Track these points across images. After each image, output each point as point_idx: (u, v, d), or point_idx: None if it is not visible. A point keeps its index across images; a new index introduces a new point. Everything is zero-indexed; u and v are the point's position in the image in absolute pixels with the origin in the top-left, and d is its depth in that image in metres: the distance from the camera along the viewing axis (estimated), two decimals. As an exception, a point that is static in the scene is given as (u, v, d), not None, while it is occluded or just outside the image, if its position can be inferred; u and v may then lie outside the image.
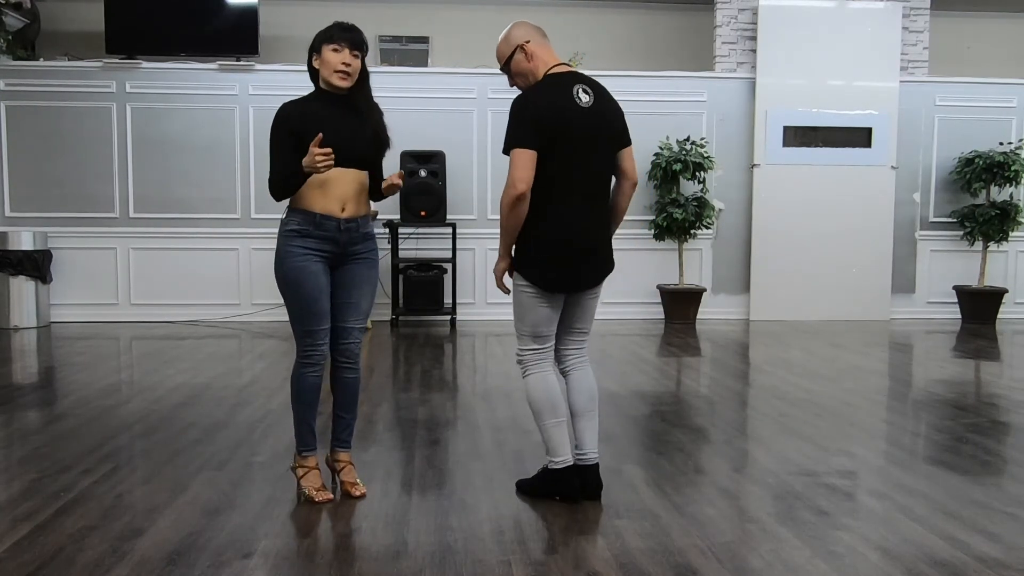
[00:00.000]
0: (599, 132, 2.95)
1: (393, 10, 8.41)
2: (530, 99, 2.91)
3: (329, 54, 2.90)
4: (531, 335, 3.03)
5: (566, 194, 2.92)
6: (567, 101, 2.90)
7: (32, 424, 4.12)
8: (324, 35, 2.93)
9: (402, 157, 7.25)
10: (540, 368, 3.03)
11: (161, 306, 7.60)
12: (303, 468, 3.06)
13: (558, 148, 2.87)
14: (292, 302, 2.95)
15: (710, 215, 7.69)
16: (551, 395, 3.01)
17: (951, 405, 4.64)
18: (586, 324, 3.12)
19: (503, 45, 3.02)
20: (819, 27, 7.94)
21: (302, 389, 3.01)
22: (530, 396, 3.04)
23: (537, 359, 3.04)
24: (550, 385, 3.02)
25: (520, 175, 2.82)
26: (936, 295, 8.29)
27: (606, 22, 8.66)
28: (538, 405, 3.02)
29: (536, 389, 3.02)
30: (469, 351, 6.42)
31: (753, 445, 3.87)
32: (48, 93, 7.48)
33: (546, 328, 3.03)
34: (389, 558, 2.52)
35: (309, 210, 2.92)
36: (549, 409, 3.00)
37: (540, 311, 3.00)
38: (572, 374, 3.11)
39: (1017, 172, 7.75)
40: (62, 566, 2.44)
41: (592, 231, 2.99)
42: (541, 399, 3.01)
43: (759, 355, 6.46)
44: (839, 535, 2.73)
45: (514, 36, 3.01)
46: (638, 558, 2.54)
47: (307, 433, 3.06)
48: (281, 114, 2.95)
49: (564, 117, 2.88)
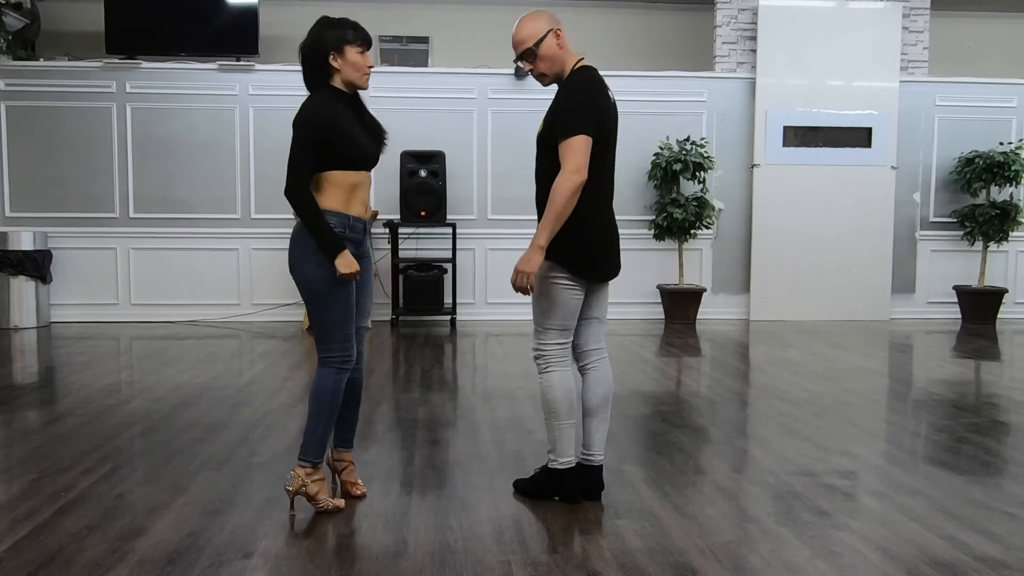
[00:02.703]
0: (616, 127, 3.01)
1: (393, 10, 8.41)
2: (586, 87, 2.86)
3: (355, 56, 2.86)
4: (559, 328, 2.96)
5: (606, 184, 2.97)
6: (606, 94, 2.94)
7: (32, 424, 4.12)
8: (342, 35, 2.85)
9: (402, 157, 7.26)
10: (563, 366, 2.98)
11: (161, 306, 7.60)
12: (316, 480, 2.88)
13: (604, 139, 2.89)
14: (334, 306, 2.83)
15: (710, 215, 7.69)
16: (571, 395, 2.98)
17: (951, 405, 4.64)
18: (600, 312, 3.10)
19: (531, 26, 2.92)
20: (819, 27, 7.94)
21: (337, 395, 2.88)
22: (551, 394, 2.97)
23: (561, 355, 2.98)
24: (571, 385, 2.98)
25: (584, 162, 2.78)
26: (936, 295, 8.29)
27: (606, 22, 8.66)
28: (557, 405, 2.96)
29: (558, 388, 2.96)
30: (469, 351, 6.42)
31: (753, 445, 3.86)
32: (48, 93, 7.48)
33: (572, 320, 2.98)
34: (389, 558, 2.52)
35: (344, 212, 2.85)
36: (567, 409, 2.97)
37: (572, 303, 2.95)
38: (592, 371, 3.06)
39: (1017, 172, 7.75)
40: (62, 566, 2.44)
41: (615, 224, 3.05)
42: (562, 399, 2.96)
43: (759, 355, 6.46)
44: (839, 535, 2.73)
45: (545, 19, 2.95)
46: (638, 558, 2.54)
47: (327, 440, 2.94)
48: (325, 118, 2.81)
49: (612, 110, 2.94)
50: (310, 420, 2.88)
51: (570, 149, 2.77)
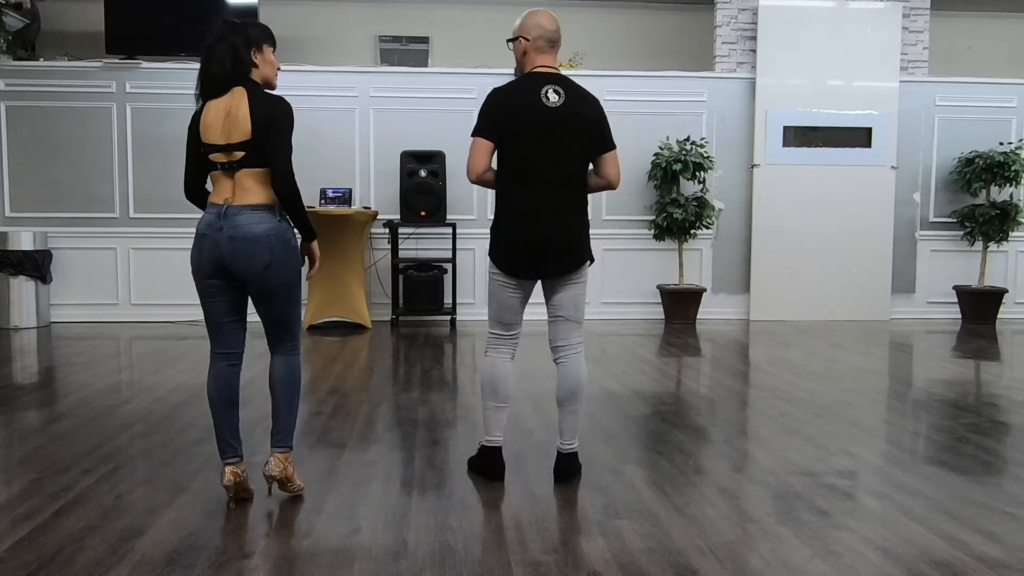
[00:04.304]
0: (565, 132, 3.07)
1: (393, 10, 8.41)
2: (497, 94, 3.11)
3: (272, 56, 2.99)
4: (495, 319, 3.22)
5: (525, 188, 3.09)
6: (534, 100, 3.05)
7: (32, 424, 4.12)
8: (266, 33, 3.00)
9: (402, 157, 7.26)
10: (497, 353, 3.22)
11: (161, 306, 7.59)
12: (290, 464, 3.08)
13: (520, 143, 3.05)
14: (299, 297, 3.07)
15: (710, 215, 7.69)
16: (495, 381, 3.21)
17: (951, 405, 4.64)
18: (565, 311, 3.20)
19: (517, 22, 3.17)
20: (819, 27, 7.94)
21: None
22: (480, 376, 3.29)
23: (496, 343, 3.22)
24: (497, 371, 3.20)
25: (473, 162, 3.11)
26: (936, 295, 8.28)
27: (606, 22, 8.67)
28: (482, 386, 3.25)
29: (484, 371, 3.24)
30: (469, 351, 6.42)
31: (753, 445, 3.86)
32: (48, 93, 7.48)
33: (508, 316, 3.19)
34: (389, 558, 2.52)
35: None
36: (490, 392, 3.22)
37: (504, 297, 3.17)
38: (560, 367, 3.24)
39: (1017, 172, 7.74)
40: (62, 566, 2.44)
41: (551, 225, 3.09)
42: (485, 381, 3.23)
43: (759, 355, 6.46)
44: (839, 535, 2.73)
45: (526, 25, 3.14)
46: (638, 558, 2.53)
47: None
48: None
49: (528, 114, 3.04)
50: (291, 406, 3.04)
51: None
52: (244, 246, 2.83)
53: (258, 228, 2.84)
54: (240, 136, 2.81)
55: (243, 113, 2.81)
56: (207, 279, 2.93)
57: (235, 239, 2.83)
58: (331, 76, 7.54)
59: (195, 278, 2.97)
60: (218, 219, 2.86)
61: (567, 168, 3.11)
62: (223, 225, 2.84)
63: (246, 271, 2.86)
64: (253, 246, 2.83)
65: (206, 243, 2.88)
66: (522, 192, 3.09)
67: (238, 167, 2.85)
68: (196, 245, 2.93)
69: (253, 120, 2.80)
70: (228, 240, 2.83)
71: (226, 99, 2.87)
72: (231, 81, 2.88)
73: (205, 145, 2.87)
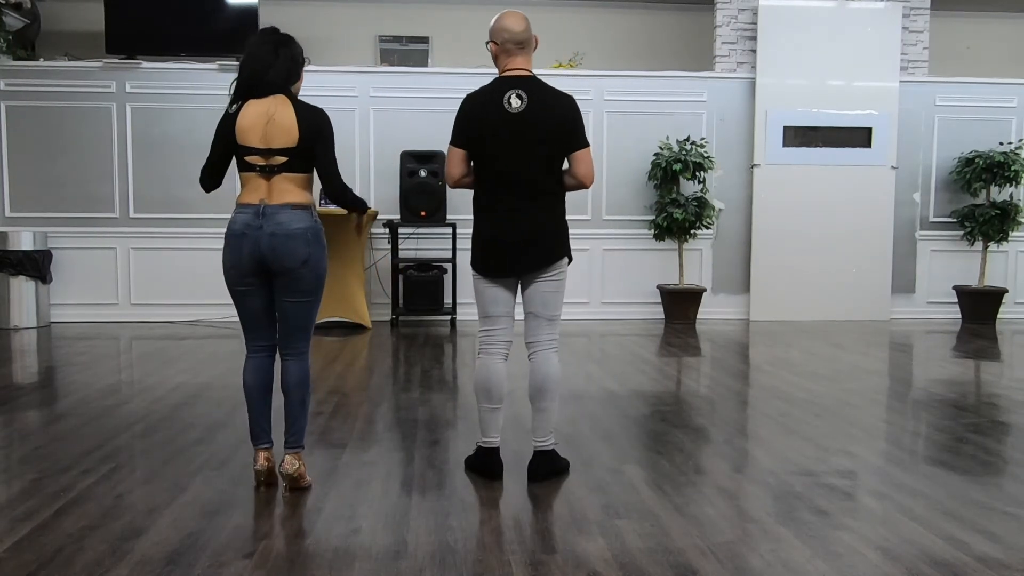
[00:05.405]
0: (528, 135, 3.12)
1: (393, 10, 8.41)
2: (466, 101, 3.22)
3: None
4: (481, 315, 3.31)
5: (495, 191, 3.20)
6: (495, 106, 3.12)
7: (32, 424, 4.12)
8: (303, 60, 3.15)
9: (402, 157, 7.26)
10: (487, 352, 3.27)
11: (161, 306, 7.59)
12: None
13: (486, 149, 3.15)
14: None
15: (710, 215, 7.69)
16: (488, 383, 3.25)
17: (951, 405, 4.64)
18: (533, 307, 3.26)
19: (491, 25, 3.24)
20: (819, 27, 7.94)
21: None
22: (473, 378, 3.34)
23: (487, 343, 3.28)
24: (490, 372, 3.25)
25: (447, 170, 3.28)
26: (936, 295, 8.28)
27: (606, 22, 8.66)
28: (475, 388, 3.30)
29: (477, 372, 3.29)
30: (469, 351, 6.42)
31: (753, 445, 3.87)
32: (48, 93, 7.48)
33: (492, 308, 3.27)
34: (389, 558, 2.52)
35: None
36: (483, 394, 3.27)
37: (484, 293, 3.27)
38: (531, 363, 3.30)
39: (1017, 172, 7.74)
40: (62, 566, 2.44)
41: (517, 224, 3.17)
42: (478, 383, 3.28)
43: (759, 355, 6.46)
44: (839, 535, 2.73)
45: (493, 30, 3.23)
46: (638, 558, 2.54)
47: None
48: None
49: (490, 121, 3.13)
50: (304, 409, 3.13)
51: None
52: (285, 241, 2.97)
53: (298, 225, 2.99)
54: (284, 143, 2.96)
55: (289, 121, 2.96)
56: (246, 277, 3.05)
57: (276, 235, 2.97)
58: (331, 76, 7.54)
59: (229, 278, 3.09)
60: (256, 218, 2.97)
61: (534, 169, 3.16)
62: (263, 223, 2.97)
63: (283, 266, 2.99)
64: (293, 242, 2.98)
65: (246, 242, 3.00)
66: (490, 195, 3.20)
67: (278, 171, 2.98)
68: (233, 246, 3.04)
69: (301, 129, 2.96)
70: (269, 236, 2.97)
71: (266, 104, 2.98)
72: (277, 89, 3.01)
73: (240, 147, 2.98)
